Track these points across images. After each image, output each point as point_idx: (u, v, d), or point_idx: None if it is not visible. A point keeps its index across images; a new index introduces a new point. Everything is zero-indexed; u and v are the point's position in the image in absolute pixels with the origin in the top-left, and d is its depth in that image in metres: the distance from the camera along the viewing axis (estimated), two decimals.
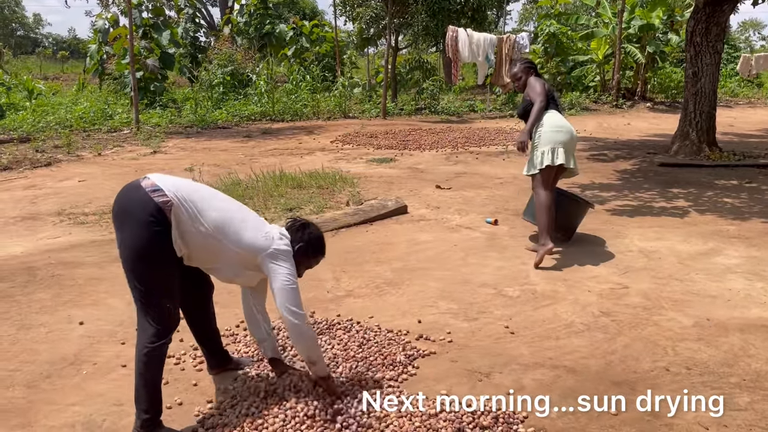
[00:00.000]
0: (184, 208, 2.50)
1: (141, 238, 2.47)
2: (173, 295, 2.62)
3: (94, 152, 10.31)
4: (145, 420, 2.56)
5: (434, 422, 2.64)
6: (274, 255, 2.62)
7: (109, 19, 20.06)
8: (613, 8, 18.14)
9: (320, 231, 2.88)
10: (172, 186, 2.53)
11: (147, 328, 2.57)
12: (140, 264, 2.50)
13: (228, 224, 2.58)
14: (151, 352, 2.56)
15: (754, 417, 2.74)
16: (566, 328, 3.67)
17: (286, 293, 2.60)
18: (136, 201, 2.49)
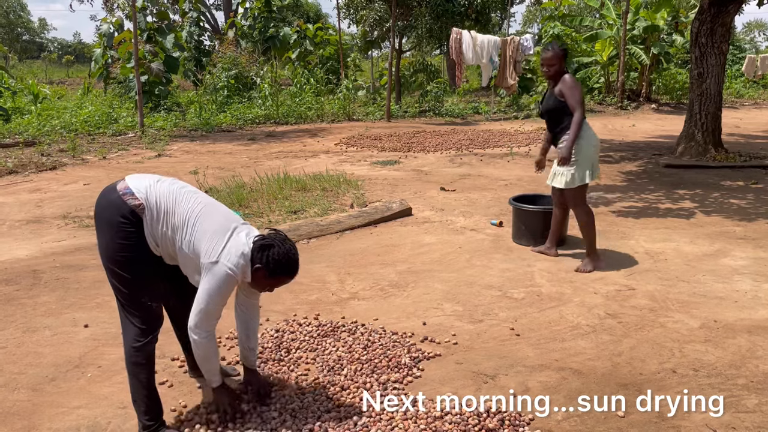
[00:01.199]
0: (150, 210, 2.51)
1: (115, 240, 2.50)
2: (154, 293, 2.62)
3: (99, 156, 10.34)
4: (148, 422, 2.56)
5: (440, 424, 2.63)
6: (208, 269, 2.49)
7: (114, 24, 20.15)
8: (617, 9, 18.10)
9: (288, 251, 2.56)
10: (144, 188, 2.55)
11: (130, 329, 2.57)
12: (117, 265, 2.52)
13: (184, 226, 2.52)
14: (137, 352, 2.56)
15: (762, 419, 2.72)
16: (572, 329, 3.65)
17: (197, 309, 2.52)
18: (110, 204, 2.54)
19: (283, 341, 3.46)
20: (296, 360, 3.27)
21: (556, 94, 4.53)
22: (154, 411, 2.60)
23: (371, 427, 2.63)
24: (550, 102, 4.61)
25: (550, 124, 4.70)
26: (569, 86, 4.49)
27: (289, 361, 3.25)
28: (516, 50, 15.10)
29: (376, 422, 2.67)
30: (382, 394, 2.88)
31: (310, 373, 3.13)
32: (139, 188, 2.54)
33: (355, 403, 2.82)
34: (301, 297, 4.22)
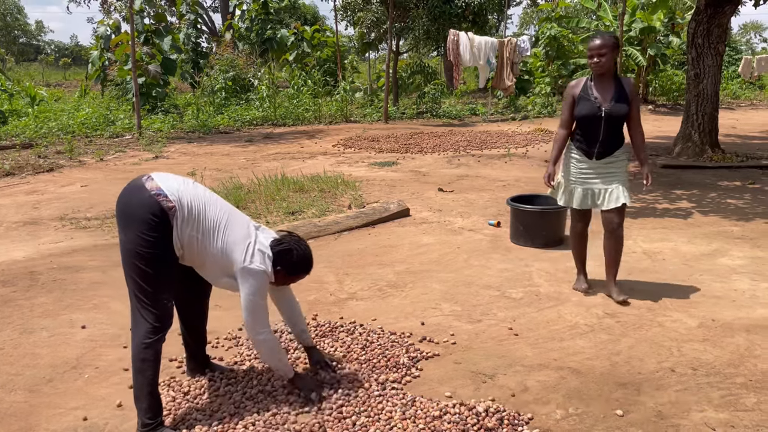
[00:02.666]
0: (183, 213, 2.57)
1: (144, 239, 2.52)
2: (170, 291, 2.66)
3: (96, 158, 10.32)
4: (148, 420, 2.56)
5: (438, 424, 2.62)
6: (245, 271, 2.66)
7: (111, 26, 20.13)
8: (614, 11, 18.13)
9: (304, 253, 2.85)
10: (175, 190, 2.59)
11: (143, 326, 2.58)
12: (142, 260, 2.54)
13: (216, 230, 2.65)
14: (147, 349, 2.57)
15: (761, 417, 2.72)
16: (570, 329, 3.65)
17: (248, 313, 2.70)
18: (141, 202, 2.55)
19: (281, 341, 3.45)
20: (295, 360, 3.25)
21: (630, 98, 3.83)
22: (155, 409, 2.60)
23: (370, 426, 2.62)
24: (621, 105, 3.80)
25: (608, 132, 3.84)
26: (630, 85, 3.88)
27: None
28: (513, 52, 15.11)
29: (375, 421, 2.66)
30: (380, 393, 2.88)
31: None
32: (171, 190, 2.58)
33: (354, 403, 2.81)
34: (299, 297, 4.18)
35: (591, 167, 3.92)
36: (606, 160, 3.89)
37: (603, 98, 3.82)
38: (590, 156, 3.90)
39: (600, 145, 3.86)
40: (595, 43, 3.76)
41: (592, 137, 3.86)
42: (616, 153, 3.90)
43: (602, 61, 3.76)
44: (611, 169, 3.91)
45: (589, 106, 3.83)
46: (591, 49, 3.77)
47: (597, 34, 3.83)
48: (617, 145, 3.90)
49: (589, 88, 3.87)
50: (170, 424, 2.69)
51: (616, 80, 3.84)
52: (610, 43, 3.74)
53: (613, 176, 3.91)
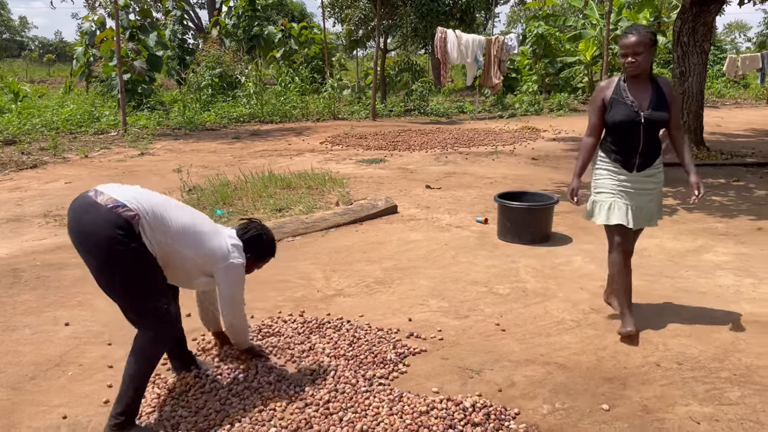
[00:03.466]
0: (147, 219, 2.49)
1: (115, 255, 2.41)
2: (165, 294, 2.58)
3: (81, 154, 10.22)
4: (122, 420, 2.50)
5: (425, 419, 2.62)
6: (229, 267, 2.75)
7: (96, 22, 19.92)
8: (600, 10, 18.25)
9: (272, 234, 3.06)
10: (132, 198, 2.50)
11: (147, 337, 2.55)
12: (121, 279, 2.47)
13: (187, 232, 2.63)
14: (146, 358, 2.54)
15: (745, 411, 2.74)
16: (557, 325, 3.66)
17: (232, 305, 2.84)
18: (100, 220, 2.41)
19: (268, 336, 3.43)
20: (279, 358, 3.23)
21: (669, 101, 3.37)
22: (133, 410, 2.54)
23: (357, 422, 2.61)
24: (661, 110, 3.34)
25: (647, 141, 3.38)
26: (670, 87, 3.43)
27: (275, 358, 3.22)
28: (500, 49, 15.15)
29: (362, 417, 2.65)
30: (367, 389, 2.87)
31: (296, 369, 3.11)
32: (127, 199, 2.48)
33: (341, 398, 2.80)
34: (287, 294, 4.19)
35: (629, 180, 3.43)
36: (646, 172, 3.42)
37: (641, 102, 3.33)
38: (630, 168, 3.41)
39: (640, 155, 3.38)
40: (630, 39, 3.24)
41: (631, 147, 3.38)
42: (656, 163, 3.46)
43: (638, 61, 3.25)
44: (649, 185, 3.45)
45: (625, 111, 3.33)
46: (625, 47, 3.26)
47: (632, 29, 3.30)
48: (657, 154, 3.45)
49: (623, 90, 3.36)
50: (155, 421, 2.67)
51: (653, 81, 3.37)
52: (648, 39, 3.24)
53: (650, 192, 3.46)
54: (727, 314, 3.77)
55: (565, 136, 12.33)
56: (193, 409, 2.75)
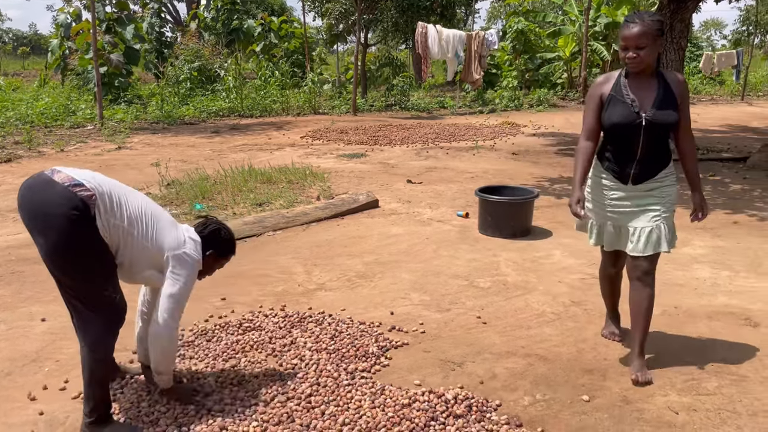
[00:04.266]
0: (104, 201, 2.39)
1: (69, 234, 2.31)
2: (114, 283, 2.50)
3: (57, 148, 10.04)
4: (96, 417, 2.46)
5: (408, 412, 2.62)
6: (179, 259, 2.55)
7: (72, 14, 19.60)
8: (579, 6, 18.38)
9: (231, 231, 2.84)
10: (90, 178, 2.42)
11: (94, 326, 2.43)
12: (72, 261, 2.36)
13: (142, 218, 2.51)
14: (101, 347, 2.46)
15: (722, 401, 2.78)
16: (538, 317, 3.69)
17: (171, 300, 2.53)
18: (56, 198, 2.31)
19: (249, 330, 3.41)
20: (261, 353, 3.21)
21: (679, 100, 2.85)
22: (104, 406, 2.50)
23: (339, 415, 2.60)
24: (667, 111, 2.83)
25: (648, 147, 2.87)
26: (687, 91, 2.92)
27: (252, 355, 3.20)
28: (481, 45, 15.19)
29: (344, 410, 2.64)
30: (349, 383, 2.87)
31: (277, 363, 3.09)
32: (86, 178, 2.39)
33: (323, 392, 2.78)
34: (267, 289, 4.17)
35: (626, 195, 2.92)
36: (646, 185, 2.90)
37: (642, 101, 2.83)
38: (624, 179, 2.91)
39: (637, 164, 2.88)
40: (633, 31, 2.71)
41: (627, 154, 2.89)
42: (660, 175, 2.90)
43: (641, 56, 2.74)
44: (649, 200, 2.91)
45: (623, 111, 2.84)
46: (626, 39, 2.74)
47: (634, 17, 2.75)
48: (662, 165, 2.91)
49: (623, 86, 2.87)
50: (134, 417, 2.63)
51: (659, 77, 2.86)
52: (653, 30, 2.71)
53: (654, 208, 2.90)
54: (704, 306, 3.83)
55: (544, 131, 12.41)
56: (172, 404, 2.71)
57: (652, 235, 2.87)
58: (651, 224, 2.87)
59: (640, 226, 2.89)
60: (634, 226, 2.91)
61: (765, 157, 8.45)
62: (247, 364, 3.07)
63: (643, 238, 2.88)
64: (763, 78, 24.18)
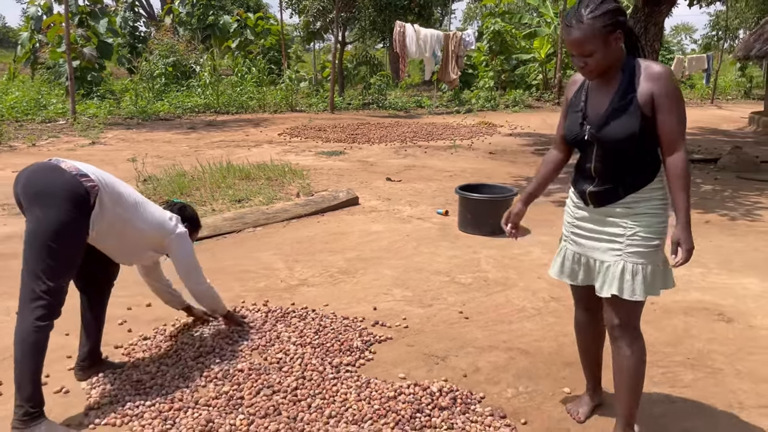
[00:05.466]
0: (107, 192, 2.60)
1: (66, 218, 2.46)
2: (71, 276, 2.62)
3: (28, 143, 9.86)
4: (31, 408, 2.42)
5: (393, 404, 2.64)
6: (180, 236, 2.96)
7: (42, 6, 19.20)
8: (555, 8, 18.61)
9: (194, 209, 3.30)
10: (93, 171, 2.61)
11: (39, 307, 2.44)
12: (59, 242, 2.45)
13: (141, 207, 2.80)
14: (40, 331, 2.45)
15: (697, 392, 2.86)
16: (519, 312, 3.75)
17: (193, 272, 3.06)
18: (63, 182, 2.49)
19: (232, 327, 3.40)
20: (244, 347, 3.21)
21: (641, 102, 2.15)
22: (39, 398, 2.46)
23: (325, 408, 2.62)
24: (620, 121, 2.17)
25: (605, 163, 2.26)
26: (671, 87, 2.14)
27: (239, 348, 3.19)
28: (458, 45, 15.29)
29: (330, 403, 2.66)
30: (335, 376, 2.88)
31: (262, 358, 3.09)
32: (89, 171, 2.59)
33: (308, 385, 2.80)
34: (249, 284, 4.16)
35: (589, 216, 2.35)
36: (610, 209, 2.27)
37: (597, 108, 2.25)
38: (584, 200, 2.34)
39: (596, 182, 2.30)
40: (571, 37, 2.13)
41: (583, 170, 2.36)
42: (629, 199, 2.24)
43: (590, 65, 2.16)
44: (617, 229, 2.27)
45: (571, 123, 2.35)
46: (568, 45, 2.18)
47: (572, 18, 2.13)
48: (632, 186, 2.24)
49: (584, 90, 2.33)
50: (119, 412, 2.61)
51: (627, 74, 2.19)
52: (598, 29, 2.08)
53: (618, 240, 2.26)
54: (679, 302, 3.92)
55: (521, 131, 12.54)
56: (158, 396, 2.70)
57: (608, 273, 2.27)
58: (611, 259, 2.27)
59: (600, 258, 2.31)
60: (595, 258, 2.34)
61: (735, 159, 8.68)
62: (231, 358, 3.06)
63: (601, 275, 2.30)
64: (731, 82, 24.75)
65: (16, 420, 2.42)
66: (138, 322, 3.51)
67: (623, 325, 2.30)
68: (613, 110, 2.19)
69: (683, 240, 2.19)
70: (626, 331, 2.30)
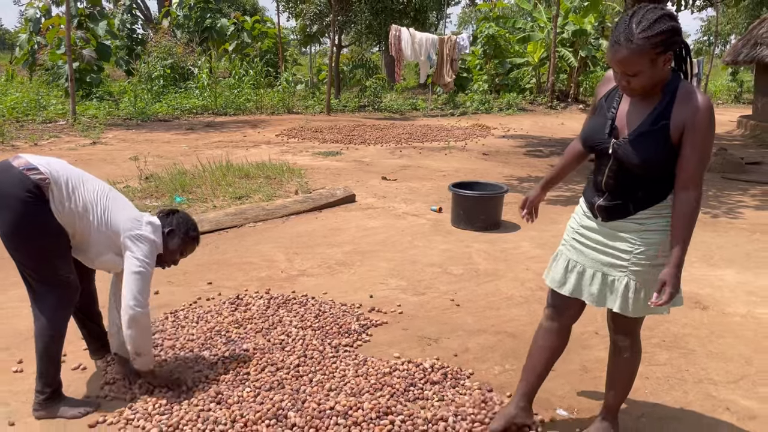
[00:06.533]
0: (58, 185, 2.50)
1: (22, 216, 2.44)
2: (67, 263, 2.60)
3: (30, 142, 10.03)
4: (49, 394, 2.59)
5: (389, 379, 2.85)
6: (136, 238, 2.62)
7: (41, 9, 19.36)
8: (548, 13, 18.89)
9: (189, 217, 2.90)
10: (46, 164, 2.53)
11: (48, 304, 2.55)
12: (25, 241, 2.48)
13: (97, 203, 2.60)
14: (56, 324, 2.57)
15: (671, 370, 3.09)
16: (507, 300, 3.97)
17: (134, 278, 2.58)
18: (11, 181, 2.44)
19: (236, 311, 3.61)
20: (249, 330, 3.41)
21: (672, 131, 2.05)
22: (57, 383, 2.63)
23: (326, 382, 2.83)
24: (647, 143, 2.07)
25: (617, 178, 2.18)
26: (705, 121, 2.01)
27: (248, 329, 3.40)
28: (453, 49, 15.53)
29: (330, 378, 2.87)
30: (334, 355, 3.09)
31: (266, 339, 3.29)
32: (41, 163, 2.51)
33: (310, 363, 3.00)
34: (251, 274, 4.36)
35: (597, 228, 2.29)
36: (619, 224, 2.21)
37: (627, 121, 2.14)
38: (593, 212, 2.29)
39: (606, 196, 2.23)
40: (617, 56, 1.99)
41: (596, 181, 2.28)
42: (640, 216, 2.17)
43: (632, 85, 2.03)
44: (623, 245, 2.21)
45: (596, 127, 2.22)
46: (612, 64, 2.03)
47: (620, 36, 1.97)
48: (644, 203, 2.16)
49: (618, 93, 2.20)
50: (124, 391, 2.79)
51: (668, 97, 2.07)
52: (647, 50, 1.94)
53: (623, 257, 2.21)
54: None
55: (513, 133, 12.78)
56: (165, 373, 2.90)
57: (613, 288, 2.24)
58: (616, 274, 2.23)
59: (602, 271, 2.26)
60: (595, 270, 2.28)
61: (720, 161, 8.93)
62: (237, 339, 3.27)
63: (606, 287, 2.27)
64: (722, 86, 25.10)
65: (37, 404, 2.60)
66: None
67: (626, 335, 2.38)
68: (642, 132, 2.08)
69: (669, 281, 2.04)
70: (628, 339, 2.38)
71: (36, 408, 2.61)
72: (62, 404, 2.63)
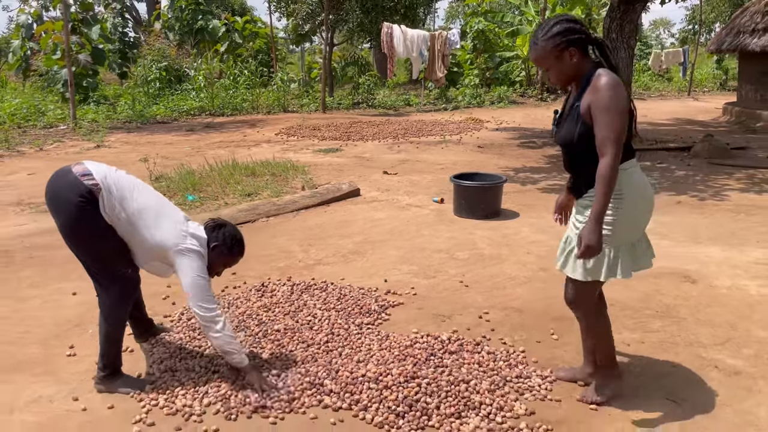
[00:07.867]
0: (109, 193, 2.69)
1: (75, 218, 2.68)
2: (124, 259, 2.82)
3: (35, 147, 10.26)
4: (110, 372, 2.89)
5: (411, 350, 3.16)
6: (182, 252, 2.74)
7: (33, 14, 19.49)
8: (535, 7, 19.21)
9: (237, 231, 3.00)
10: (101, 171, 2.74)
11: (109, 297, 2.82)
12: (81, 241, 2.75)
13: (144, 216, 2.74)
14: (117, 314, 2.87)
15: (664, 335, 3.42)
16: (511, 280, 4.28)
17: (193, 290, 2.72)
18: (68, 186, 2.68)
19: (263, 297, 3.90)
20: (278, 313, 3.71)
21: (582, 112, 2.45)
22: (118, 363, 2.93)
23: (354, 355, 3.13)
24: (568, 128, 2.53)
25: (568, 162, 2.68)
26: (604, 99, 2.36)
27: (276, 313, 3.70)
28: (444, 44, 15.83)
29: (357, 352, 3.17)
30: (359, 332, 3.39)
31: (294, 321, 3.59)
32: (97, 171, 2.73)
33: (337, 339, 3.30)
34: (271, 264, 4.65)
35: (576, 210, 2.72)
36: (582, 200, 2.62)
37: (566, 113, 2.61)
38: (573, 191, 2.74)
39: (570, 178, 2.75)
40: (532, 56, 2.54)
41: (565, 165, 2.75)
42: (591, 193, 2.52)
43: (552, 77, 2.53)
44: (583, 218, 2.57)
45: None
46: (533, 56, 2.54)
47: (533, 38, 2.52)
48: (588, 182, 2.52)
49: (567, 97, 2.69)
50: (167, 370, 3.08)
51: (583, 84, 2.47)
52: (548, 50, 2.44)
53: (578, 226, 2.62)
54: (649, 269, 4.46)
55: (506, 126, 13.10)
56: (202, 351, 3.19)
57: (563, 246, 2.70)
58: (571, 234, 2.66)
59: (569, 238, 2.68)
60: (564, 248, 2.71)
61: (707, 147, 9.28)
62: (267, 321, 3.56)
63: (560, 247, 2.71)
64: (708, 74, 25.53)
65: (98, 379, 2.90)
66: (179, 297, 3.98)
67: (572, 303, 2.78)
68: (565, 117, 2.57)
69: (584, 235, 2.40)
70: (578, 310, 2.80)
71: (97, 382, 2.91)
72: (120, 381, 2.92)
